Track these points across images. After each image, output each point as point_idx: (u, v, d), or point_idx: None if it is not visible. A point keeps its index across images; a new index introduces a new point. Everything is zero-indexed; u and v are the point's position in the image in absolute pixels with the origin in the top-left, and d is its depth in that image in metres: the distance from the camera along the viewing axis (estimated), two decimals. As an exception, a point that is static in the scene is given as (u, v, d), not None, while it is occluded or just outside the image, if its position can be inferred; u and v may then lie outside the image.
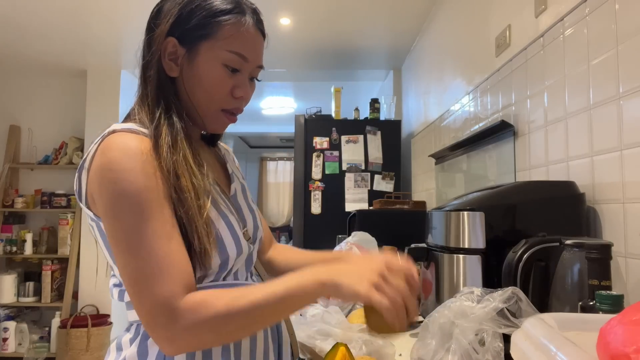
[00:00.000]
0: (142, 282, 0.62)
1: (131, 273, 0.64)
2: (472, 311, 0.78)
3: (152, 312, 0.62)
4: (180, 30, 0.76)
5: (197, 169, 0.73)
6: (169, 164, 0.69)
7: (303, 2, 2.74)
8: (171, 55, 0.77)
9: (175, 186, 0.68)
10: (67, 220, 3.83)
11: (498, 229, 1.05)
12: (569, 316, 0.61)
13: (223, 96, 0.78)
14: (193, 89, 0.77)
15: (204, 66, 0.76)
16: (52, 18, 2.93)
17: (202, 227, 0.68)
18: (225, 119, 0.81)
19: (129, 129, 0.73)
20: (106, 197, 0.66)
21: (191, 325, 0.61)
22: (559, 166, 1.27)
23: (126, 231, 0.64)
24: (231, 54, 0.76)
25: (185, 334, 0.61)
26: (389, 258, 0.67)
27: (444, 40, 2.57)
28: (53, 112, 4.16)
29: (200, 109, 0.78)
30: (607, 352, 0.41)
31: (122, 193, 0.65)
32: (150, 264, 0.63)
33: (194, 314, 0.61)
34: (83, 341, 3.44)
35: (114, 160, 0.66)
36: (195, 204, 0.69)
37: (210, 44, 0.75)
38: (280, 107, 5.58)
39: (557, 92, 1.29)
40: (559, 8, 1.28)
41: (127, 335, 0.74)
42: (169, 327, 0.61)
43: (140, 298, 0.63)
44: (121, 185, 0.65)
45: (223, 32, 0.75)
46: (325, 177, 3.20)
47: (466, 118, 2.11)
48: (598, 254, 0.73)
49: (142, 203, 0.65)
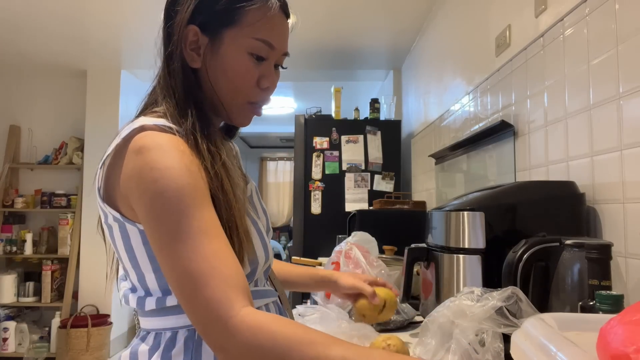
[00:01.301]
0: (192, 285, 0.57)
1: (179, 275, 0.58)
2: (471, 310, 0.78)
3: (207, 317, 0.56)
4: (202, 18, 0.71)
5: (239, 171, 0.71)
6: (211, 165, 0.65)
7: (303, 2, 2.74)
8: (192, 44, 0.72)
9: (219, 190, 0.64)
10: (67, 220, 3.83)
11: (498, 229, 1.05)
12: (569, 316, 0.61)
13: (249, 87, 0.73)
14: (217, 81, 0.72)
15: (229, 56, 0.71)
16: (52, 18, 2.93)
17: (244, 232, 0.65)
18: (251, 112, 0.76)
19: (159, 127, 0.66)
20: (147, 197, 0.61)
21: (247, 347, 0.54)
22: (559, 166, 1.27)
23: (170, 231, 0.59)
24: (258, 42, 0.71)
25: (241, 352, 0.55)
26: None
27: (443, 40, 2.57)
28: (53, 112, 4.16)
29: (225, 101, 0.74)
30: (607, 352, 0.41)
31: (164, 191, 0.60)
32: (199, 264, 0.57)
33: (253, 335, 0.54)
34: (83, 341, 3.44)
35: (154, 159, 0.61)
36: (237, 207, 0.66)
37: (235, 32, 0.70)
38: (280, 107, 5.58)
39: (557, 92, 1.29)
40: (559, 8, 1.28)
41: (144, 345, 0.68)
42: (224, 337, 0.55)
43: (191, 303, 0.57)
44: (162, 183, 0.60)
45: (248, 18, 0.70)
46: (325, 177, 3.20)
47: (466, 118, 2.11)
48: (598, 254, 0.73)
49: (185, 200, 0.60)
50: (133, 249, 0.67)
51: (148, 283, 0.68)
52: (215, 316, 0.55)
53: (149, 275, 0.67)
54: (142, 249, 0.66)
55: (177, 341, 0.67)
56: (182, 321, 0.67)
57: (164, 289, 0.67)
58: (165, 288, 0.67)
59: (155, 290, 0.68)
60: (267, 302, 0.78)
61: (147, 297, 0.68)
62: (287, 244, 7.17)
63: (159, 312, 0.68)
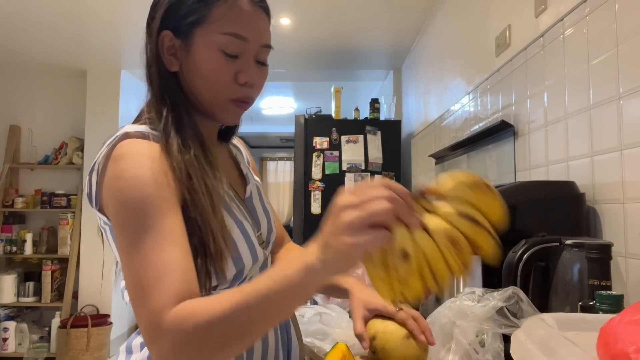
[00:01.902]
0: (138, 295, 0.58)
1: (130, 285, 0.59)
2: (472, 310, 0.78)
3: (145, 326, 0.56)
4: (173, 22, 0.71)
5: (210, 169, 0.69)
6: (180, 163, 0.66)
7: (303, 2, 2.74)
8: (170, 49, 0.73)
9: (187, 187, 0.65)
10: (67, 220, 3.83)
11: (498, 229, 1.05)
12: (569, 316, 0.61)
13: (226, 84, 0.72)
14: (194, 82, 0.72)
15: (200, 54, 0.70)
16: (52, 18, 2.93)
17: (217, 228, 0.65)
18: (235, 108, 0.74)
19: (141, 133, 0.68)
20: (113, 205, 0.63)
21: (174, 344, 0.54)
22: (559, 166, 1.27)
23: (128, 241, 0.61)
24: (226, 36, 0.69)
25: (170, 354, 0.54)
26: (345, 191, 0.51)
27: (444, 40, 2.57)
28: (53, 112, 4.16)
29: (206, 101, 0.73)
30: (607, 352, 0.41)
31: (126, 201, 0.62)
32: (146, 275, 0.58)
33: (177, 330, 0.54)
34: (83, 341, 3.44)
35: (123, 169, 0.63)
36: (209, 204, 0.65)
37: (203, 30, 0.70)
38: (280, 107, 5.58)
39: (557, 92, 1.29)
40: (559, 8, 1.28)
41: (138, 338, 0.71)
42: (159, 342, 0.54)
43: (136, 312, 0.58)
44: (126, 193, 0.62)
45: (214, 13, 0.69)
46: (325, 177, 3.20)
47: (466, 118, 2.11)
48: (598, 254, 0.73)
49: (145, 211, 0.61)
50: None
51: None
52: (149, 326, 0.55)
53: None
54: None
55: None
56: None
57: None
58: None
59: None
60: None
61: None
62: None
63: None
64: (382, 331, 0.78)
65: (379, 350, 0.77)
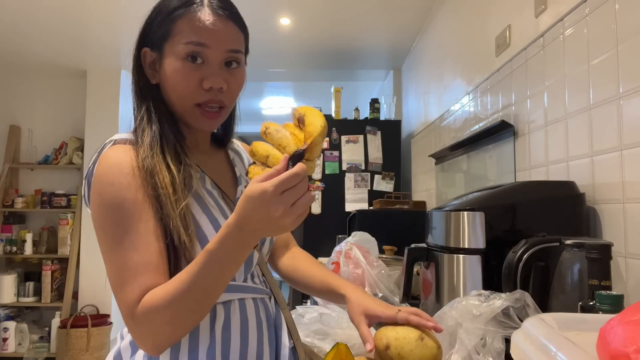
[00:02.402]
0: (117, 290, 0.68)
1: (111, 279, 0.70)
2: (479, 310, 0.78)
3: (124, 316, 0.68)
4: (149, 39, 0.80)
5: (176, 165, 0.74)
6: (147, 162, 0.72)
7: (303, 2, 2.74)
8: (150, 65, 0.81)
9: (151, 184, 0.71)
10: (67, 220, 3.83)
11: (498, 229, 1.05)
12: (569, 316, 0.61)
13: (192, 90, 0.76)
14: (166, 91, 0.79)
15: (168, 65, 0.77)
16: (52, 18, 2.93)
17: (178, 220, 0.70)
18: (202, 115, 0.78)
19: (125, 140, 0.77)
20: (93, 208, 0.72)
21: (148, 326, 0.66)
22: (559, 166, 1.27)
23: (107, 241, 0.70)
24: (188, 45, 0.75)
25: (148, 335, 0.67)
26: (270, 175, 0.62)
27: (444, 40, 2.57)
28: (53, 112, 4.16)
29: (178, 108, 0.79)
30: (607, 352, 0.41)
31: (105, 205, 0.70)
32: (123, 273, 0.68)
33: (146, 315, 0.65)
34: (83, 341, 3.44)
35: (102, 173, 0.72)
36: (172, 199, 0.71)
37: (170, 43, 0.77)
38: (280, 107, 5.58)
39: (557, 92, 1.29)
40: (559, 8, 1.28)
41: None
42: (135, 331, 0.67)
43: (118, 303, 0.69)
44: (104, 198, 0.70)
45: (177, 27, 0.76)
46: (325, 177, 3.20)
47: (466, 118, 2.11)
48: (598, 254, 0.73)
49: (121, 215, 0.69)
50: None
51: None
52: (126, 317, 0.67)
53: None
54: None
55: None
56: None
57: None
58: None
59: None
60: (246, 297, 0.79)
61: None
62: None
63: None
64: (394, 338, 0.78)
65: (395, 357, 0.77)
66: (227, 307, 0.76)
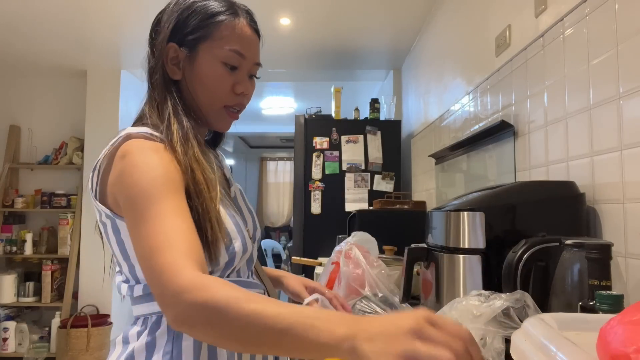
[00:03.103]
0: (151, 256, 0.62)
1: (143, 250, 0.63)
2: (479, 310, 0.78)
3: (160, 281, 0.59)
4: (180, 35, 0.81)
5: (207, 164, 0.77)
6: (184, 159, 0.73)
7: (303, 2, 2.74)
8: (173, 60, 0.82)
9: (191, 179, 0.72)
10: (67, 220, 3.83)
11: (498, 229, 1.05)
12: (569, 316, 0.61)
13: (225, 93, 0.82)
14: (196, 89, 0.82)
15: (205, 65, 0.81)
16: (52, 18, 2.93)
17: (215, 217, 0.72)
18: (228, 116, 0.85)
19: (143, 135, 0.75)
20: (126, 189, 0.68)
21: (192, 305, 0.55)
22: (559, 166, 1.27)
23: (139, 214, 0.65)
24: (229, 52, 0.81)
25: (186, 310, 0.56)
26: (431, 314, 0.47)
27: (444, 40, 2.57)
28: (53, 112, 4.16)
29: (204, 107, 0.83)
30: (607, 352, 0.41)
31: (138, 181, 0.68)
32: (158, 238, 0.62)
33: (198, 293, 0.55)
34: (83, 341, 3.44)
35: (134, 159, 0.70)
36: (209, 195, 0.73)
37: (208, 44, 0.80)
38: (280, 107, 5.58)
39: (557, 92, 1.29)
40: (559, 8, 1.28)
41: (135, 328, 0.76)
42: (173, 297, 0.57)
43: (150, 271, 0.62)
44: (138, 176, 0.68)
45: (219, 31, 0.81)
46: (325, 177, 3.20)
47: (466, 118, 2.11)
48: (598, 254, 0.73)
49: (156, 187, 0.67)
50: (123, 242, 0.75)
51: (137, 273, 0.76)
52: (166, 279, 0.58)
53: (138, 266, 0.75)
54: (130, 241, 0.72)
55: (162, 323, 0.74)
56: None
57: None
58: None
59: (142, 279, 0.75)
60: None
61: (136, 285, 0.76)
62: (287, 244, 7.17)
63: (146, 298, 0.75)
64: None
65: None
66: None
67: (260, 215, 7.97)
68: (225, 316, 0.54)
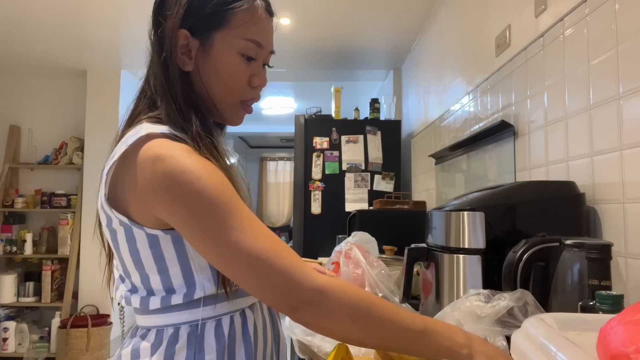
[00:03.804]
0: (266, 261, 0.60)
1: (246, 259, 0.60)
2: (482, 311, 0.78)
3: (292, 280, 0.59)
4: (192, 22, 0.72)
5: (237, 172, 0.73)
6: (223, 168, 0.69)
7: (303, 2, 2.74)
8: (183, 48, 0.73)
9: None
10: (67, 220, 3.83)
11: (498, 229, 1.05)
12: (569, 316, 0.61)
13: (242, 86, 0.76)
14: (210, 82, 0.74)
15: (221, 57, 0.73)
16: (52, 18, 2.93)
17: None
18: (243, 111, 0.79)
19: (165, 135, 0.67)
20: (186, 200, 0.62)
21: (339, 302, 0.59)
22: (559, 166, 1.27)
23: (221, 225, 0.61)
24: (248, 42, 0.73)
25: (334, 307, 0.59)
26: None
27: (444, 40, 2.57)
28: (53, 112, 4.16)
29: (219, 102, 0.76)
30: (607, 352, 0.41)
31: (203, 191, 0.61)
32: (265, 243, 0.60)
33: (343, 292, 0.60)
34: (83, 341, 3.44)
35: (180, 163, 0.62)
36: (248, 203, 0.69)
37: (224, 33, 0.72)
38: (280, 107, 5.58)
39: (557, 92, 1.29)
40: (559, 8, 1.28)
41: (145, 342, 0.69)
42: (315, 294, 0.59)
43: (269, 276, 0.59)
44: (199, 184, 0.62)
45: (237, 19, 0.72)
46: (325, 177, 3.20)
47: (466, 118, 2.11)
48: (598, 254, 0.73)
49: (226, 195, 0.63)
50: (138, 252, 0.68)
51: (152, 284, 0.70)
52: (300, 276, 0.59)
53: (154, 277, 0.69)
54: (148, 251, 0.68)
55: (180, 336, 0.68)
56: (185, 317, 0.69)
57: (167, 288, 0.69)
58: (169, 287, 0.69)
59: (159, 290, 0.70)
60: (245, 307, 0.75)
61: (151, 297, 0.69)
62: (287, 243, 7.16)
63: (163, 310, 0.69)
64: None
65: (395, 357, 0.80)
66: (252, 309, 0.76)
67: (261, 215, 7.97)
68: (371, 315, 0.60)
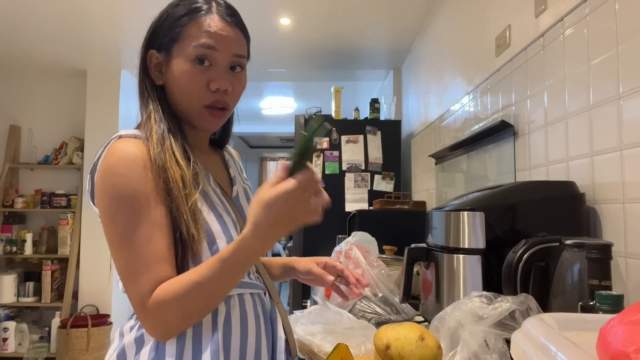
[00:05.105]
0: (129, 280, 0.71)
1: (122, 270, 0.72)
2: (484, 312, 0.78)
3: (135, 306, 0.71)
4: (157, 42, 0.84)
5: (185, 162, 0.77)
6: (158, 157, 0.75)
7: (303, 2, 2.74)
8: (156, 66, 0.85)
9: (163, 178, 0.74)
10: (67, 220, 3.83)
11: (498, 229, 1.05)
12: (569, 316, 0.61)
13: (200, 91, 0.81)
14: (174, 91, 0.83)
15: (177, 66, 0.81)
16: (52, 18, 2.93)
17: (189, 214, 0.74)
18: (209, 115, 0.83)
19: (132, 135, 0.78)
20: (104, 199, 0.73)
21: (159, 318, 0.69)
22: (559, 166, 1.27)
23: (119, 233, 0.71)
24: (198, 48, 0.79)
25: (159, 325, 0.70)
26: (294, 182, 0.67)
27: (444, 40, 2.57)
28: (53, 112, 4.16)
29: (185, 109, 0.83)
30: (607, 352, 0.41)
31: (118, 197, 0.72)
32: (136, 264, 0.70)
33: (157, 308, 0.69)
34: (83, 341, 3.44)
35: (113, 165, 0.73)
36: (182, 193, 0.74)
37: (179, 46, 0.81)
38: (280, 107, 5.58)
39: (557, 92, 1.29)
40: (559, 8, 1.28)
41: (129, 323, 0.79)
42: (146, 320, 0.70)
43: (128, 293, 0.72)
44: (117, 190, 0.72)
45: (187, 31, 0.80)
46: (325, 177, 3.20)
47: (466, 118, 2.11)
48: (598, 254, 0.73)
49: (134, 207, 0.71)
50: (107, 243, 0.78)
51: None
52: (138, 306, 0.70)
53: None
54: None
55: None
56: None
57: None
58: None
59: None
60: (245, 292, 0.82)
61: None
62: (287, 244, 7.17)
63: None
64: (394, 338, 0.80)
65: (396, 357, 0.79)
66: (227, 302, 0.79)
67: (260, 215, 7.95)
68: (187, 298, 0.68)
